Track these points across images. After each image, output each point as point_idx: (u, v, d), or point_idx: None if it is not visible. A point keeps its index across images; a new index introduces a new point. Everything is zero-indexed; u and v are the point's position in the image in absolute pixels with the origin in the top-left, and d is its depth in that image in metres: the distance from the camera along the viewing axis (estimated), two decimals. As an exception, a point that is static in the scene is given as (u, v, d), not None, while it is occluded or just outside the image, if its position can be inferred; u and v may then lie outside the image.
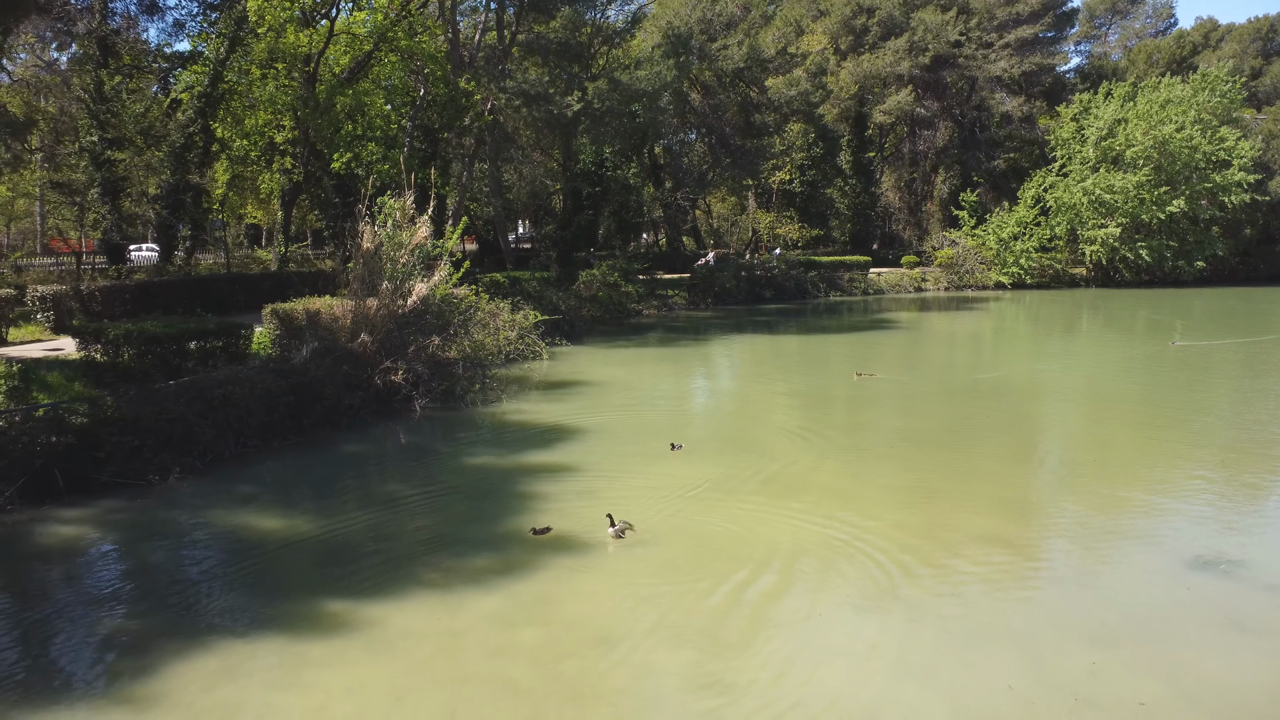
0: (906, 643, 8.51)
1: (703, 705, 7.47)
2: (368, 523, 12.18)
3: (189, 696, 7.60)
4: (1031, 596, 9.62)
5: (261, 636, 8.73)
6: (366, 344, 19.36)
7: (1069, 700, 7.45)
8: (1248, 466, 14.79)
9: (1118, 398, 21.75)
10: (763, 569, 10.29)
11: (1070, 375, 25.23)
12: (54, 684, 7.90)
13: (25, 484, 12.60)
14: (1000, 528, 11.70)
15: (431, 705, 7.51)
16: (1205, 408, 19.76)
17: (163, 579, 10.41)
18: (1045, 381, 24.09)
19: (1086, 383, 23.99)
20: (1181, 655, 8.30)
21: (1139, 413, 19.74)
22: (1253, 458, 15.34)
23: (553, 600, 9.53)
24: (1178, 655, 8.30)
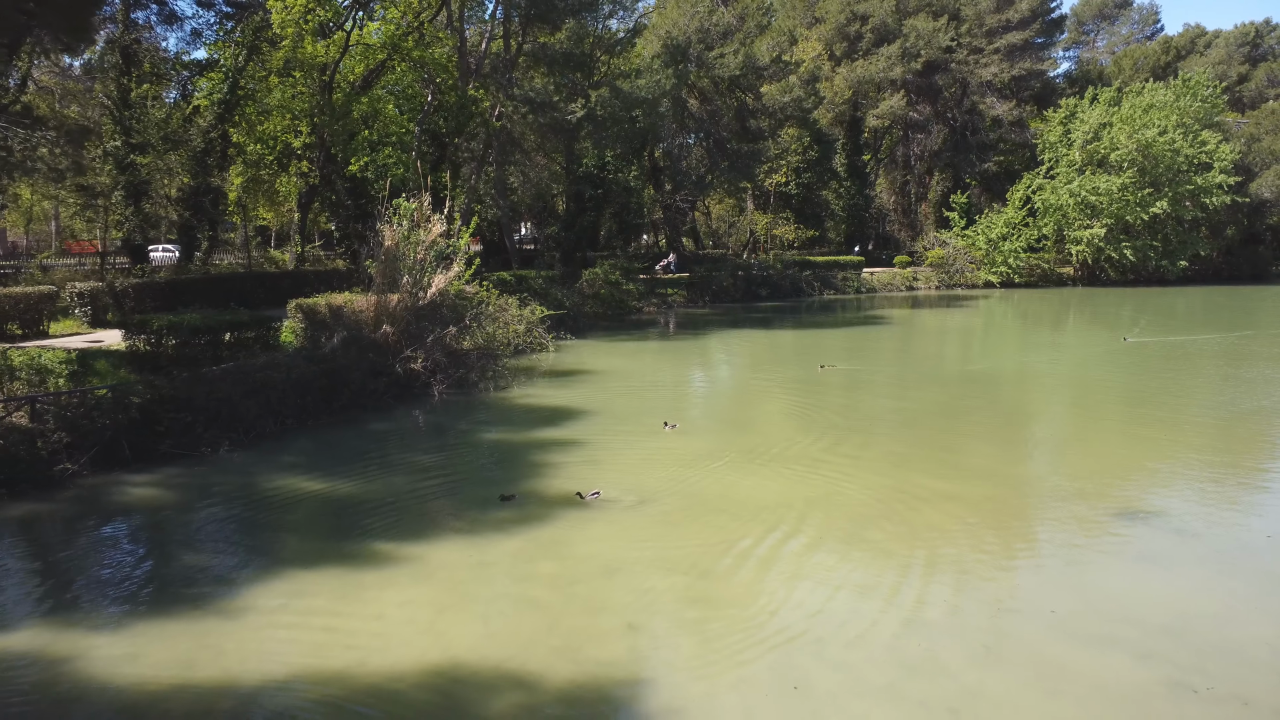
0: (862, 570, 10.15)
1: (691, 614, 9.10)
2: (400, 484, 13.84)
3: (268, 609, 9.24)
4: (973, 537, 11.23)
5: (321, 568, 10.36)
6: (388, 334, 21.02)
7: (993, 609, 9.08)
8: (1173, 435, 16.49)
9: (1081, 384, 23.45)
10: (744, 518, 11.92)
11: (1045, 365, 26.90)
12: (158, 600, 9.53)
13: (97, 453, 14.26)
14: (956, 488, 13.33)
15: (468, 615, 9.15)
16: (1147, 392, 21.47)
17: (229, 527, 12.05)
18: (1018, 371, 25.77)
19: (1057, 371, 25.67)
20: (1092, 578, 9.94)
21: (1096, 396, 21.47)
22: (1177, 428, 17.03)
23: (566, 542, 11.16)
24: (1089, 578, 9.93)
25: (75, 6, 14.18)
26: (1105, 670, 7.90)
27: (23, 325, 24.68)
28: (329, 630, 8.76)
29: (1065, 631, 8.62)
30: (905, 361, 27.94)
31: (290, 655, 8.21)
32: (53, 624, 8.97)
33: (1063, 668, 7.95)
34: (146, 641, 8.52)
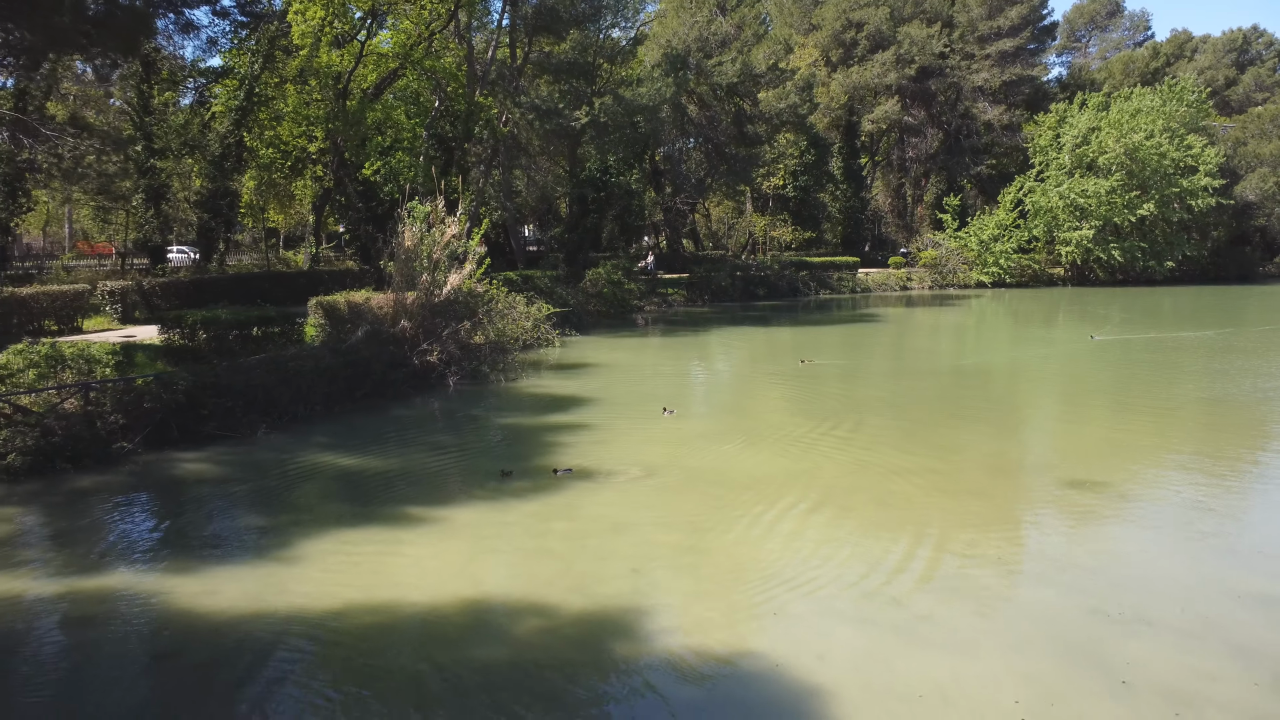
0: (837, 528, 11.60)
1: (686, 561, 10.55)
2: (424, 461, 15.31)
3: (320, 557, 10.69)
4: (937, 503, 12.67)
5: (362, 526, 11.81)
6: (406, 329, 22.48)
7: (948, 557, 10.52)
8: (1129, 420, 17.99)
9: (1057, 377, 24.97)
10: (736, 488, 13.37)
11: (1025, 359, 28.38)
12: (223, 551, 10.98)
13: (149, 434, 15.71)
14: (930, 464, 14.79)
15: (494, 562, 10.61)
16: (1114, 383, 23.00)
17: (275, 494, 13.50)
18: (999, 364, 27.24)
19: (1036, 365, 27.17)
20: (1039, 533, 11.39)
21: (1069, 387, 23.00)
22: (1133, 413, 18.53)
23: (577, 506, 12.61)
24: (1035, 533, 11.39)
25: (128, 30, 15.61)
26: (1037, 601, 9.35)
27: (58, 321, 26.18)
28: (375, 572, 10.21)
29: (1008, 572, 10.07)
30: (894, 356, 29.42)
31: (344, 591, 9.65)
32: (136, 569, 10.42)
33: (1004, 598, 9.41)
34: (219, 581, 9.96)
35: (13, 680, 8.12)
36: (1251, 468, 14.96)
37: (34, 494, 13.37)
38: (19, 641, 8.79)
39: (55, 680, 8.08)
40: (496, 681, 7.82)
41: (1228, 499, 13.06)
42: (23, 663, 8.44)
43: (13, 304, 24.61)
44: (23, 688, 8.00)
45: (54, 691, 7.86)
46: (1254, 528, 11.80)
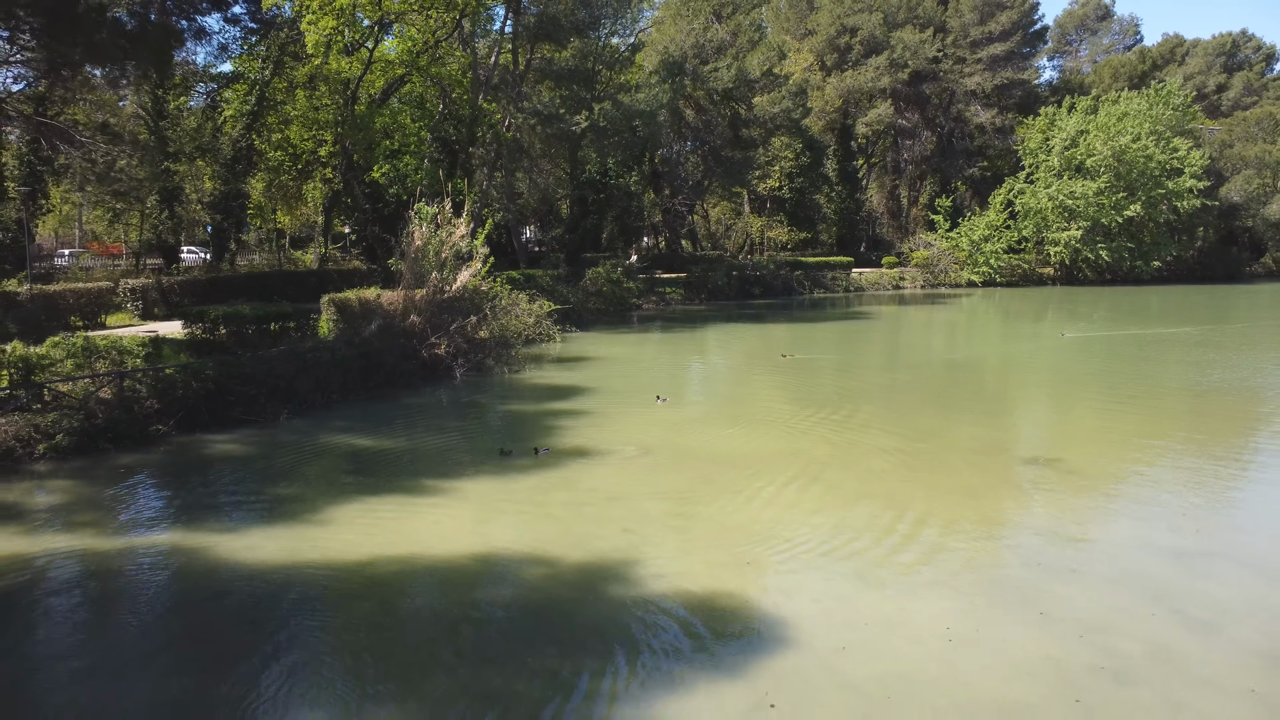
0: (811, 497, 12.89)
1: (674, 524, 11.83)
2: (435, 442, 16.61)
3: (346, 519, 11.97)
4: (903, 477, 13.96)
5: (382, 495, 13.10)
6: (415, 323, 23.77)
7: (907, 519, 11.79)
8: (1084, 405, 19.29)
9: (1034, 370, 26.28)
10: (722, 465, 14.67)
11: (1004, 354, 29.69)
12: (259, 515, 12.28)
13: (182, 417, 17.02)
14: (903, 444, 16.07)
15: (501, 523, 11.89)
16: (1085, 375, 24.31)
17: (301, 469, 14.80)
18: (980, 358, 28.55)
19: (1013, 359, 28.48)
20: (993, 501, 12.67)
21: (1043, 378, 24.34)
22: (1086, 399, 19.83)
23: (576, 478, 13.90)
24: (990, 501, 12.66)
25: (159, 43, 16.92)
26: (981, 553, 10.64)
27: (83, 317, 27.46)
28: (397, 532, 11.51)
29: (959, 532, 11.36)
30: (878, 350, 30.72)
31: (371, 547, 10.94)
32: (184, 530, 11.71)
33: (951, 551, 10.69)
34: (258, 540, 11.25)
35: (98, 615, 9.43)
36: (1196, 448, 16.23)
37: (81, 469, 14.67)
38: (95, 584, 10.10)
39: (128, 614, 9.38)
40: (504, 615, 9.12)
41: (1171, 473, 14.37)
42: (102, 601, 9.75)
43: (41, 301, 25.89)
44: (104, 620, 9.31)
45: (130, 621, 9.17)
46: (1189, 496, 13.08)
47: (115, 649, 8.57)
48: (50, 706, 7.46)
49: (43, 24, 15.05)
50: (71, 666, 8.18)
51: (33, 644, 8.78)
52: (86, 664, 8.23)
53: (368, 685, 7.65)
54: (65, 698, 7.58)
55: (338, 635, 8.75)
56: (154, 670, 8.04)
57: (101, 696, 7.55)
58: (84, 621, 9.31)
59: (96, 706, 7.39)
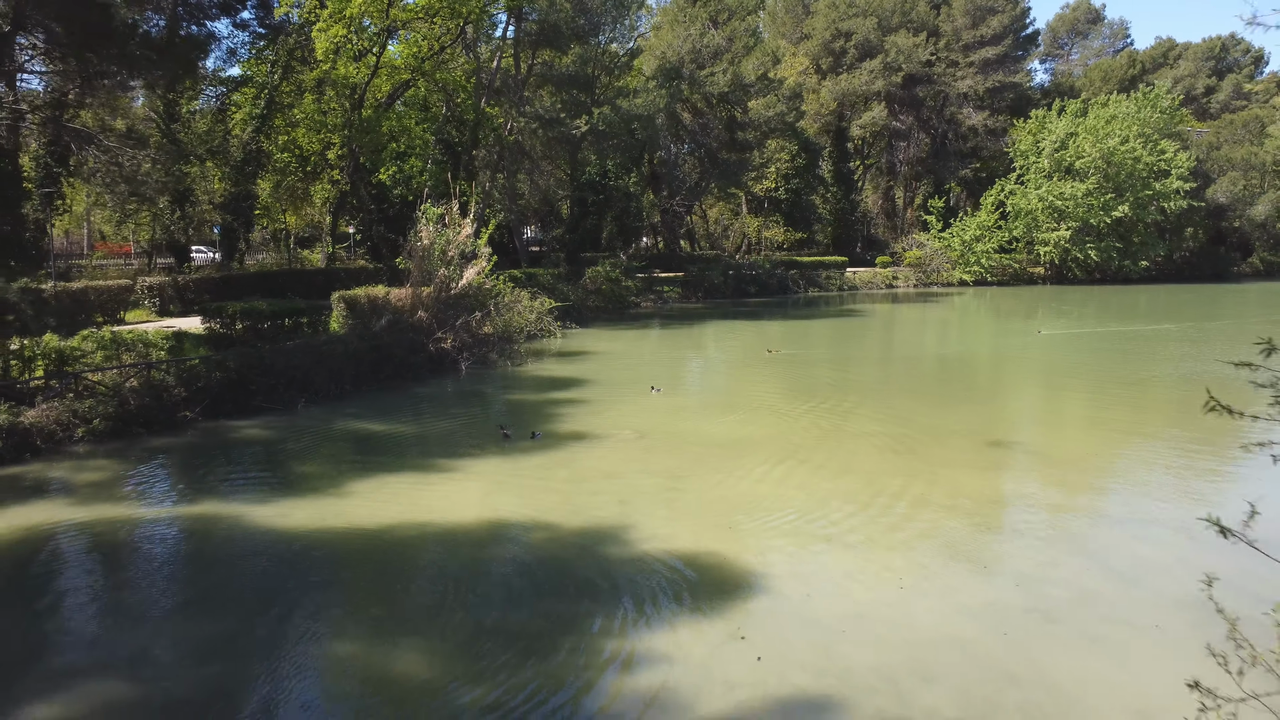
0: (791, 474, 14.08)
1: (664, 496, 13.02)
2: (444, 427, 17.80)
3: (365, 492, 13.15)
4: (877, 457, 15.15)
5: (398, 472, 14.29)
6: (423, 319, 24.96)
7: (879, 494, 12.98)
8: (1049, 394, 20.48)
9: (1010, 362, 27.49)
10: (712, 447, 15.86)
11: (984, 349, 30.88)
12: (286, 489, 13.46)
13: (207, 405, 18.21)
14: (881, 429, 17.26)
15: (507, 496, 13.08)
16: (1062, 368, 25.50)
17: (320, 451, 15.99)
18: (961, 352, 29.74)
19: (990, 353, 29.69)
20: (954, 477, 13.85)
21: (1018, 369, 25.55)
22: (1053, 388, 21.03)
23: (575, 458, 15.09)
24: (951, 477, 13.84)
25: (186, 53, 18.10)
26: (936, 520, 11.82)
27: (104, 313, 28.67)
28: (412, 502, 12.70)
29: (921, 503, 12.54)
30: (863, 345, 31.89)
31: (390, 515, 12.12)
32: (217, 500, 12.89)
33: (912, 519, 11.87)
34: (288, 509, 12.44)
35: (153, 567, 10.63)
36: (1148, 431, 17.42)
37: (118, 450, 15.87)
38: (146, 543, 11.30)
39: (178, 566, 10.58)
40: (511, 570, 10.31)
41: (1122, 451, 15.57)
42: (154, 556, 10.95)
43: (64, 298, 27.07)
44: (158, 571, 10.51)
45: (180, 572, 10.37)
46: (1138, 473, 14.27)
47: (172, 593, 9.78)
48: (130, 637, 8.65)
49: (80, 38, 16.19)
50: (139, 606, 9.38)
51: (100, 592, 9.98)
52: (151, 603, 9.44)
53: (395, 623, 8.84)
54: (140, 631, 8.77)
55: (364, 584, 9.94)
56: (207, 609, 9.24)
57: (169, 629, 8.75)
58: (141, 572, 10.51)
59: (176, 639, 8.59)
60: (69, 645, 8.53)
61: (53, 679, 7.80)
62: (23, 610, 9.37)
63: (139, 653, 8.28)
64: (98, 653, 8.33)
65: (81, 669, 7.97)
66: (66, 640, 8.66)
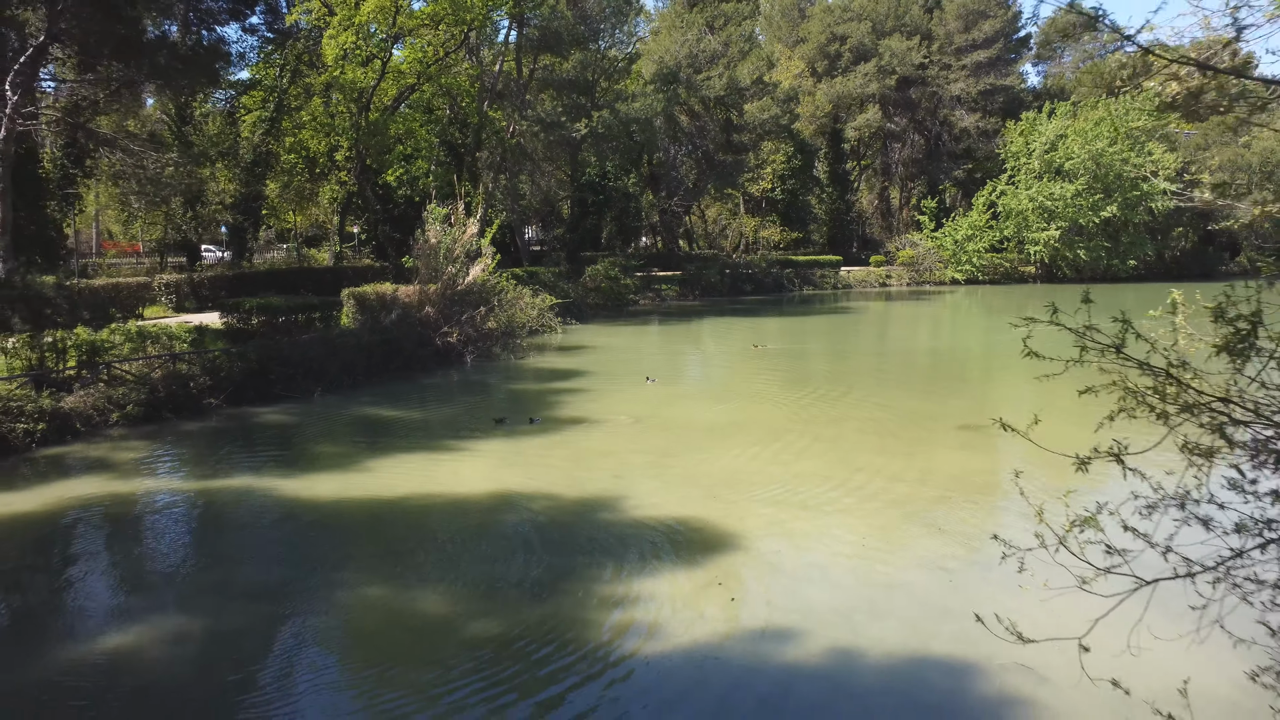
0: (771, 451, 15.32)
1: (654, 470, 14.26)
2: (452, 414, 19.04)
3: (382, 468, 14.40)
4: (852, 438, 16.39)
5: (411, 452, 15.53)
6: (430, 314, 26.21)
7: (850, 470, 14.22)
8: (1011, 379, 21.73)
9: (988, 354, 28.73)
10: (701, 430, 17.09)
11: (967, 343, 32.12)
12: (308, 466, 14.71)
13: (231, 393, 19.46)
14: (854, 413, 18.50)
15: (512, 472, 14.32)
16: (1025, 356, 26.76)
17: (338, 434, 17.23)
18: (944, 347, 30.97)
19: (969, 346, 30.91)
20: (920, 455, 15.09)
21: (990, 363, 26.78)
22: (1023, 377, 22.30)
23: (574, 440, 16.33)
24: (917, 455, 15.08)
25: (209, 63, 19.37)
26: (899, 490, 13.04)
27: (123, 309, 29.89)
28: (425, 476, 13.95)
29: (885, 477, 13.77)
30: (850, 340, 33.14)
31: (406, 487, 13.36)
32: (248, 475, 14.14)
33: (877, 489, 13.10)
34: (311, 482, 13.68)
35: (199, 530, 11.89)
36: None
37: (150, 433, 17.12)
38: (189, 510, 12.55)
39: (221, 529, 11.83)
40: (517, 532, 11.55)
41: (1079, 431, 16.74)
42: (198, 521, 12.20)
43: (86, 294, 28.31)
44: (204, 533, 11.76)
45: (223, 533, 11.62)
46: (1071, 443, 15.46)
47: (213, 550, 11.03)
48: (182, 585, 9.90)
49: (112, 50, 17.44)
50: (186, 561, 10.63)
51: (150, 550, 11.23)
52: (196, 559, 10.69)
53: (415, 574, 10.09)
54: (190, 581, 10.02)
55: (385, 543, 11.19)
56: (246, 563, 10.49)
57: (214, 578, 10.00)
58: (185, 534, 11.77)
59: (220, 586, 9.84)
60: (131, 591, 9.79)
61: (121, 615, 9.05)
62: (87, 564, 10.63)
63: (191, 596, 9.53)
64: (155, 596, 9.58)
65: (143, 608, 9.22)
66: (128, 587, 9.92)
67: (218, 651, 8.24)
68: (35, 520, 12.00)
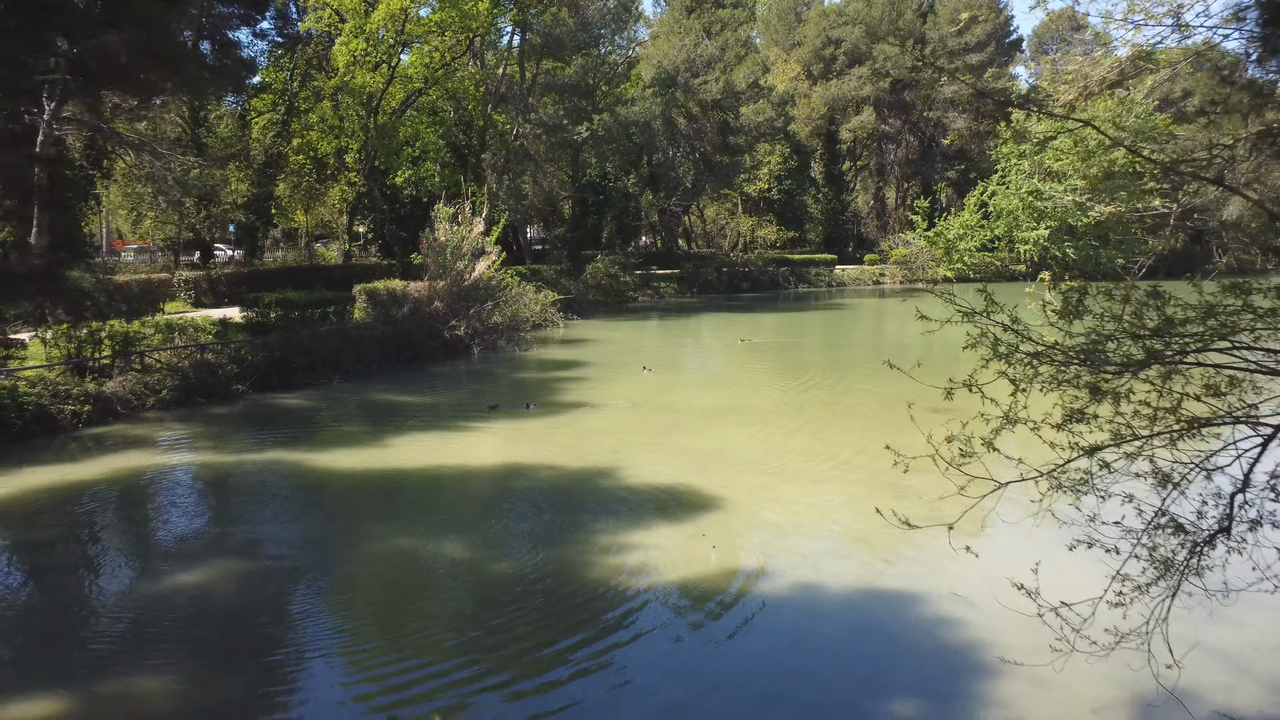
0: (755, 429, 16.76)
1: (651, 446, 15.69)
2: (462, 399, 20.49)
3: (401, 445, 15.84)
4: (831, 418, 17.81)
5: (427, 431, 16.97)
6: (439, 309, 27.65)
7: (827, 446, 15.65)
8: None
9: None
10: (693, 413, 18.53)
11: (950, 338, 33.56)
12: (333, 443, 16.15)
13: (255, 380, 20.90)
14: (834, 398, 19.94)
15: (520, 447, 15.76)
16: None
17: (356, 416, 18.67)
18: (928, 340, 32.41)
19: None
20: (894, 434, 16.50)
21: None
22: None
23: (576, 421, 17.76)
24: (893, 434, 16.51)
25: (237, 73, 20.83)
26: (869, 462, 14.47)
27: (144, 304, 31.33)
28: (441, 451, 15.39)
29: (858, 449, 15.21)
30: (837, 334, 34.57)
31: (424, 459, 14.80)
32: (279, 450, 15.57)
33: (849, 460, 14.54)
34: (339, 456, 15.12)
35: (240, 495, 13.34)
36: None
37: (184, 415, 18.57)
38: (230, 478, 14.01)
39: (260, 493, 13.28)
40: (525, 497, 12.99)
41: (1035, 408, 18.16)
42: (238, 488, 13.66)
43: (111, 289, 29.77)
44: (245, 497, 13.22)
45: (262, 497, 13.07)
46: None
47: (258, 510, 12.48)
48: (238, 534, 11.34)
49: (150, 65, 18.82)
50: (236, 518, 12.08)
51: (206, 508, 12.68)
52: (245, 516, 12.14)
53: (438, 526, 11.53)
54: (244, 532, 11.47)
55: (408, 504, 12.63)
56: (289, 519, 11.94)
57: (264, 531, 11.45)
58: (231, 496, 13.22)
59: (268, 538, 11.28)
60: (192, 539, 11.24)
61: (187, 558, 10.50)
62: (150, 521, 12.08)
63: (249, 543, 10.97)
64: (217, 544, 11.02)
65: (205, 551, 10.67)
66: (189, 537, 11.37)
67: (272, 584, 9.68)
68: (95, 485, 13.45)
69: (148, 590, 9.51)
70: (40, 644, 8.27)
